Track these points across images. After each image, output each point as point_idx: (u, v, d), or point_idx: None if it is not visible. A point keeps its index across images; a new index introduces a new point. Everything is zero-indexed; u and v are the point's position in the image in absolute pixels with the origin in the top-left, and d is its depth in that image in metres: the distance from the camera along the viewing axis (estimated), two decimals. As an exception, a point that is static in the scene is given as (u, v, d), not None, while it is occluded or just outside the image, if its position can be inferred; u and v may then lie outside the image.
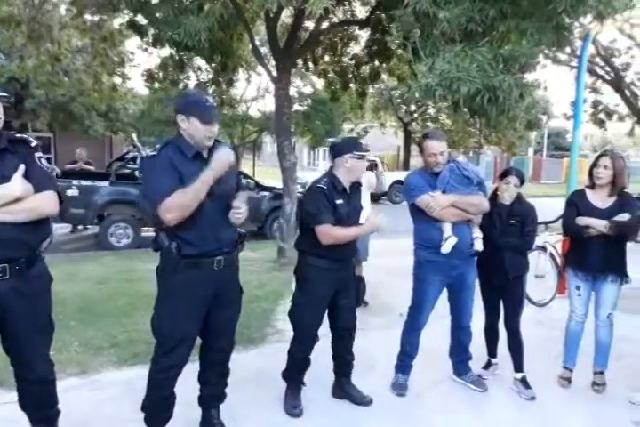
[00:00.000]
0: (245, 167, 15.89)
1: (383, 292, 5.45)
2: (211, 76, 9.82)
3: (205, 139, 2.45)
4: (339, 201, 3.00)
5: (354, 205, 3.14)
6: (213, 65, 8.68)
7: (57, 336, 2.45)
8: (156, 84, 9.40)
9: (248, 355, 3.92)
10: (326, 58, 8.92)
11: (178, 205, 2.30)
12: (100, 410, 3.06)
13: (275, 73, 7.18)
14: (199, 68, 12.80)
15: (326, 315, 3.18)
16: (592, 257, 3.40)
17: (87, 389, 3.33)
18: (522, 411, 3.30)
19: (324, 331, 3.23)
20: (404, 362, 3.51)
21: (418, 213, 3.30)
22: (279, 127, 7.17)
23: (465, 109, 4.33)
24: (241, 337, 3.94)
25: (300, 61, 8.48)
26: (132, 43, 10.65)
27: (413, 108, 24.54)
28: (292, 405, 3.15)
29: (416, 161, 20.48)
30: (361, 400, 3.28)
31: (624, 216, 3.27)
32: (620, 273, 3.42)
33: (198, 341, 2.68)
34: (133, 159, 9.25)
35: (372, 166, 12.88)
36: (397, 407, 3.28)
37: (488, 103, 3.87)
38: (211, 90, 10.09)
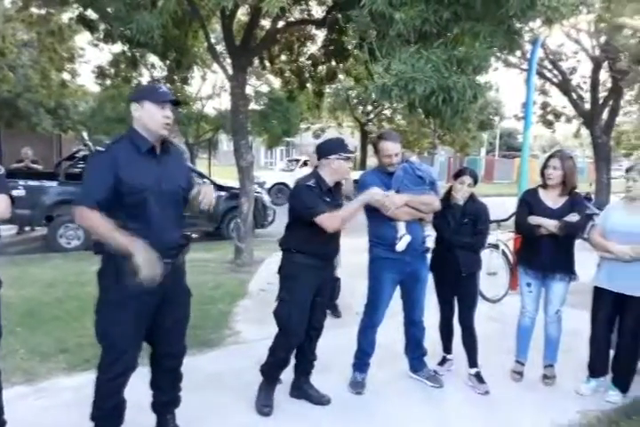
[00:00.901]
0: (201, 166, 15.63)
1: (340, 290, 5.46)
2: (165, 73, 9.65)
3: (162, 126, 2.35)
4: (327, 199, 3.04)
5: (339, 204, 3.16)
6: (167, 62, 8.52)
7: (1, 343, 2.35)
8: (108, 81, 9.18)
9: (205, 357, 3.85)
10: (283, 57, 8.89)
11: (88, 223, 2.27)
12: (49, 418, 2.93)
13: (230, 71, 7.10)
14: (153, 65, 12.54)
15: None
16: (542, 256, 3.51)
17: (34, 397, 3.19)
18: (477, 405, 3.37)
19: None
20: (362, 360, 3.53)
21: (372, 211, 3.31)
22: (235, 126, 7.10)
23: (420, 110, 4.39)
24: (196, 339, 3.87)
25: (256, 60, 8.42)
26: (83, 38, 10.36)
27: (370, 108, 24.77)
28: (263, 404, 3.14)
29: (372, 161, 20.66)
30: (319, 400, 3.28)
31: (574, 216, 3.39)
32: (569, 271, 3.55)
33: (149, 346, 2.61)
34: (84, 158, 8.96)
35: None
36: (355, 406, 3.29)
37: (443, 104, 3.93)
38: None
